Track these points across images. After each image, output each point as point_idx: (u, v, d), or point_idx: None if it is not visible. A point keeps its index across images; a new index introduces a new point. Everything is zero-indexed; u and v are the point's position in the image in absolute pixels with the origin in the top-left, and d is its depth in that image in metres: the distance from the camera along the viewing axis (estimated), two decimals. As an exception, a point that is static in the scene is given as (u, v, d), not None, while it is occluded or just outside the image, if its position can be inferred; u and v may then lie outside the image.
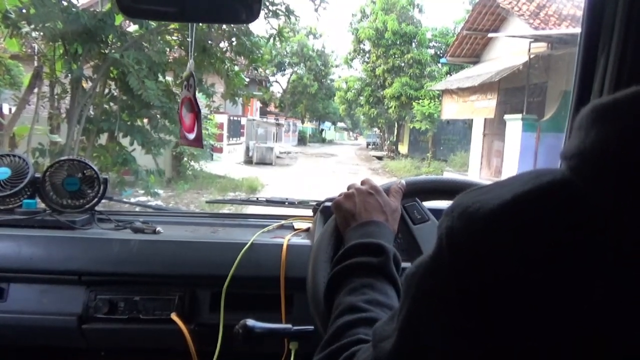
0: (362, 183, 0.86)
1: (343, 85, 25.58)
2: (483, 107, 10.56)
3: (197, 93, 1.16)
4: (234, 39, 5.34)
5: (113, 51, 4.56)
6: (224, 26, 5.14)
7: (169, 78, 5.23)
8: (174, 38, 5.26)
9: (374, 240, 0.71)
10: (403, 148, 20.61)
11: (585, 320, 0.26)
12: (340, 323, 0.58)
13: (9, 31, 4.16)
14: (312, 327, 0.78)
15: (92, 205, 1.17)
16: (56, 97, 4.86)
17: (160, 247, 1.04)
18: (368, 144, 29.36)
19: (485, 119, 11.34)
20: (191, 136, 1.17)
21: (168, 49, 5.13)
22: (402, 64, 18.71)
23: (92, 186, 1.17)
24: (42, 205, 1.17)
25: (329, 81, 31.50)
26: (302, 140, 29.71)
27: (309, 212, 1.23)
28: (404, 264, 0.72)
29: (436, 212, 0.90)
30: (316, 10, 6.56)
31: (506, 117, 9.62)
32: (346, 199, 0.81)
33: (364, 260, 0.68)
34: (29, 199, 1.15)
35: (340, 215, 0.81)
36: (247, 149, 15.66)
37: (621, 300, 0.26)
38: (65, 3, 4.33)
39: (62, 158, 1.19)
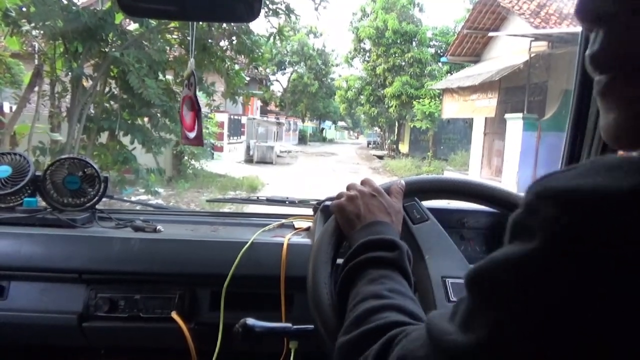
0: (362, 183, 0.84)
1: (343, 84, 25.57)
2: (484, 106, 10.56)
3: (197, 92, 1.16)
4: (234, 38, 5.34)
5: (113, 50, 4.56)
6: (225, 25, 5.13)
7: (169, 77, 5.22)
8: (174, 37, 5.26)
9: (386, 236, 0.70)
10: (404, 147, 20.61)
11: None
12: (366, 307, 0.58)
13: (9, 29, 4.16)
14: (312, 326, 0.78)
15: (93, 203, 1.17)
16: (57, 95, 4.86)
17: (161, 246, 1.04)
18: (369, 143, 29.35)
19: (485, 118, 11.33)
20: (192, 135, 1.17)
21: (168, 48, 5.12)
22: (403, 63, 18.69)
23: (93, 185, 1.17)
24: (43, 204, 1.17)
25: (329, 80, 31.47)
26: (302, 139, 29.68)
27: (310, 211, 1.23)
28: None
29: (435, 212, 0.90)
30: (316, 9, 6.55)
31: (507, 116, 9.61)
32: (349, 201, 0.79)
33: (379, 255, 0.67)
34: (30, 197, 1.15)
35: (343, 217, 0.79)
36: (248, 147, 15.64)
37: None
38: (65, 1, 4.33)
39: (63, 156, 1.19)
